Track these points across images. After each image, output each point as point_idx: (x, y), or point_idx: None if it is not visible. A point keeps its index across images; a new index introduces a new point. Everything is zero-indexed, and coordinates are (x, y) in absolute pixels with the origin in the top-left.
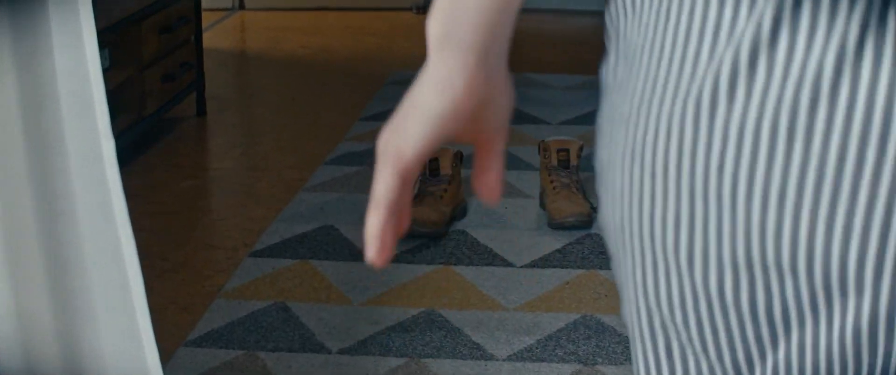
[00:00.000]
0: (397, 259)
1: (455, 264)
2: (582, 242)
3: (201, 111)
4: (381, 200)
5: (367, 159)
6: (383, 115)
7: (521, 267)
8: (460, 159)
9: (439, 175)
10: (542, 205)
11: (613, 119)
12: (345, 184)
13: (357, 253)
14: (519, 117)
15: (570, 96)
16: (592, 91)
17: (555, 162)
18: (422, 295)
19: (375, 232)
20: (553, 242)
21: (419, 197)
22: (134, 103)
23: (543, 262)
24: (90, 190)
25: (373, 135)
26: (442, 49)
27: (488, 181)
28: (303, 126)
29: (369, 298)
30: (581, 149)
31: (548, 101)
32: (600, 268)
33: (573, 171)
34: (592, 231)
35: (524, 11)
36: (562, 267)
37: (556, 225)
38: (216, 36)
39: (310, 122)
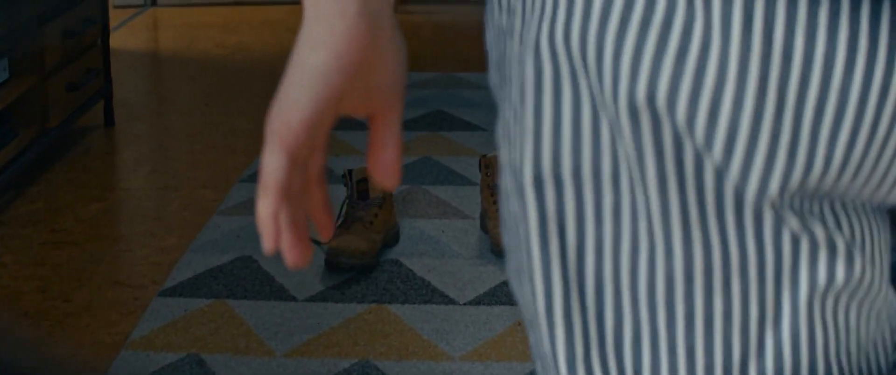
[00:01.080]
0: (323, 296)
1: (390, 302)
2: None
3: (109, 121)
4: (269, 183)
5: None
6: None
7: (465, 304)
8: None
9: (368, 197)
10: (484, 229)
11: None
12: None
13: (277, 290)
14: (450, 123)
15: None
16: None
17: (498, 180)
18: (354, 342)
19: (267, 220)
20: (499, 273)
21: (346, 224)
22: (36, 116)
23: (490, 298)
24: None
25: None
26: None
27: (383, 159)
28: (217, 136)
29: (293, 347)
30: None
31: (480, 104)
32: None
33: None
34: None
35: (443, 2)
36: (511, 304)
37: (502, 253)
38: (126, 35)
39: (225, 131)
